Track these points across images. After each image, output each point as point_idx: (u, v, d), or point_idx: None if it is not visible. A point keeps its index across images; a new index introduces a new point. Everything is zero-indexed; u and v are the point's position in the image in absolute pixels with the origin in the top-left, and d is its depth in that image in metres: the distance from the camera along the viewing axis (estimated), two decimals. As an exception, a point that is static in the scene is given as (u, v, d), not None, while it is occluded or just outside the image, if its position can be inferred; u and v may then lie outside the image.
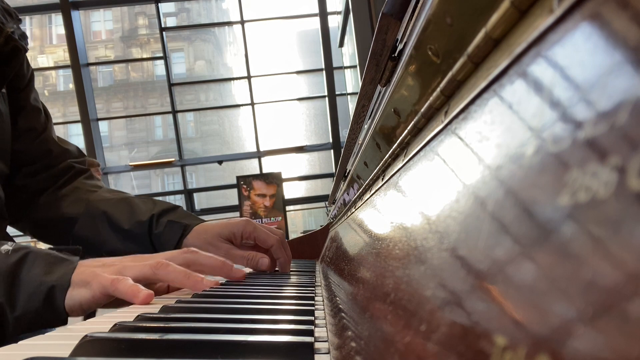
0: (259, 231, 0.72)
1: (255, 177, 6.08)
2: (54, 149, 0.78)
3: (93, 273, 0.47)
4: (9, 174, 0.71)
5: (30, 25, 8.12)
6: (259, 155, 6.63)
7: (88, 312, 0.51)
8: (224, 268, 0.55)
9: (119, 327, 0.29)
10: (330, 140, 6.44)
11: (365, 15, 4.61)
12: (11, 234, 0.71)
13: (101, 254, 0.54)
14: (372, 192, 0.48)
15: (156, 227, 0.73)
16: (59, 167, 0.78)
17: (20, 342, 0.28)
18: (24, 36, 0.70)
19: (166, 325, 0.30)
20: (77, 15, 6.19)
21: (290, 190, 6.54)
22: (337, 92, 6.42)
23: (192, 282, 0.49)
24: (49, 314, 0.46)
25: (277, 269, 0.74)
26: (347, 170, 0.77)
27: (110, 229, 0.73)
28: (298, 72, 6.97)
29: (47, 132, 0.77)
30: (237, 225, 0.72)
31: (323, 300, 0.46)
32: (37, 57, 8.07)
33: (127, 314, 0.38)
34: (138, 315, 0.34)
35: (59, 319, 0.47)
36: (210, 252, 0.71)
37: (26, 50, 0.71)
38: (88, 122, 6.07)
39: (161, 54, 6.68)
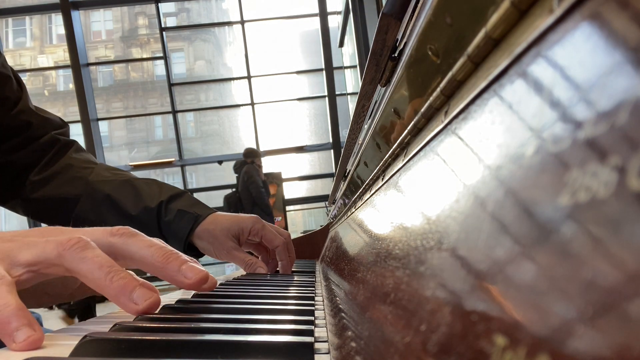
0: (266, 230, 0.71)
1: (255, 177, 6.07)
2: (34, 120, 0.72)
3: None
4: None
5: (30, 25, 8.13)
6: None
7: None
8: (165, 268, 0.37)
9: (119, 327, 0.29)
10: (330, 140, 6.44)
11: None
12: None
13: None
14: (372, 192, 0.48)
15: (165, 214, 0.70)
16: (41, 140, 0.72)
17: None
18: None
19: (166, 325, 0.30)
20: (77, 15, 6.19)
21: (290, 190, 6.54)
22: (337, 92, 6.42)
23: (115, 287, 0.32)
24: None
25: (278, 269, 0.74)
26: (347, 170, 0.77)
27: (116, 215, 0.70)
28: (298, 72, 6.98)
29: (23, 101, 0.71)
30: (247, 221, 0.71)
31: (323, 300, 0.46)
32: (37, 57, 8.08)
33: (127, 314, 0.38)
34: (138, 315, 0.34)
35: None
36: (214, 247, 0.69)
37: None
38: (88, 122, 6.08)
39: (161, 54, 6.68)
